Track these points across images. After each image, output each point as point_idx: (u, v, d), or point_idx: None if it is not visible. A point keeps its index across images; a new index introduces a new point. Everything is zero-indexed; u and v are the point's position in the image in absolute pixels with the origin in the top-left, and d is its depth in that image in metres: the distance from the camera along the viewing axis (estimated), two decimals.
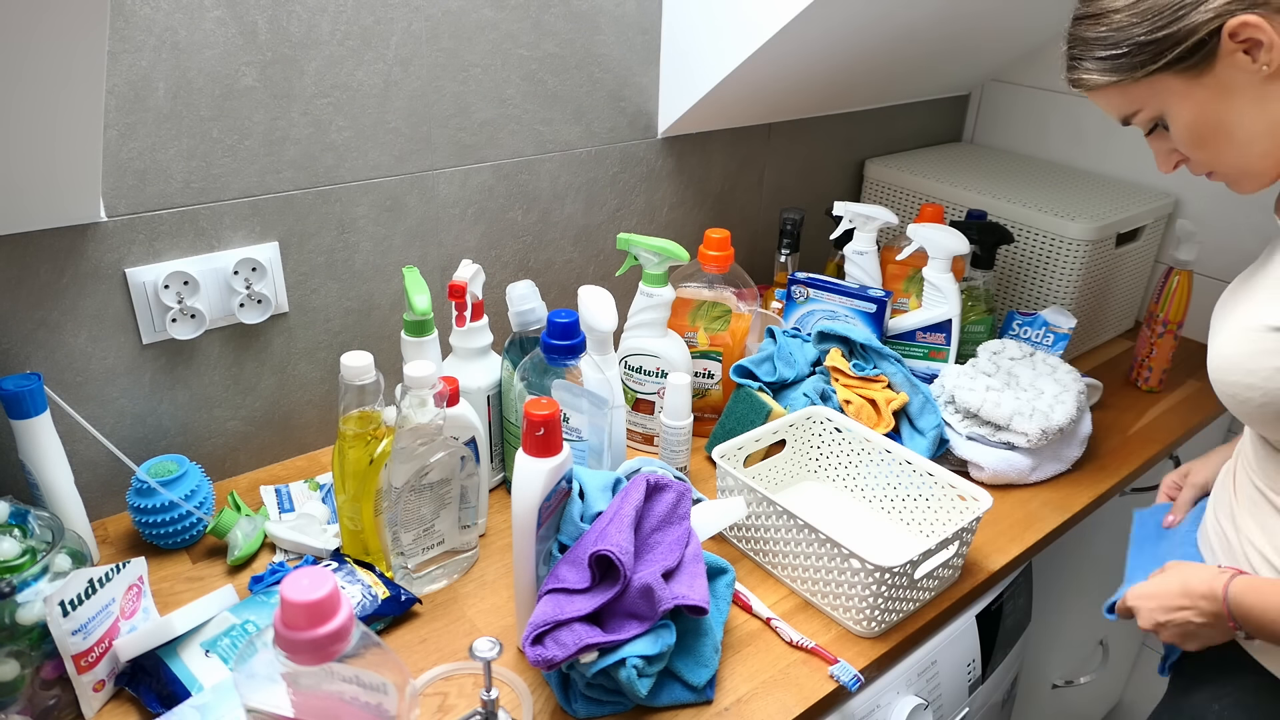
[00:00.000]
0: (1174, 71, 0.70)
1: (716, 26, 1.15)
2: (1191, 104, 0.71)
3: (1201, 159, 0.74)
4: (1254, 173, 0.74)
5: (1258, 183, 0.75)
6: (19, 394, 0.83)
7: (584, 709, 0.78)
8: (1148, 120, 0.74)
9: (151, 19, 0.86)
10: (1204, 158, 0.74)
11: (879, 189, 1.60)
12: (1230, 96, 0.69)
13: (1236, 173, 0.74)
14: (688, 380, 1.04)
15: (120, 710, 0.77)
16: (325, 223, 1.04)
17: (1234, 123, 0.70)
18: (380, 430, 0.87)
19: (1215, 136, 0.72)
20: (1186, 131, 0.73)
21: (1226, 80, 0.68)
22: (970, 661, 1.01)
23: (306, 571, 0.54)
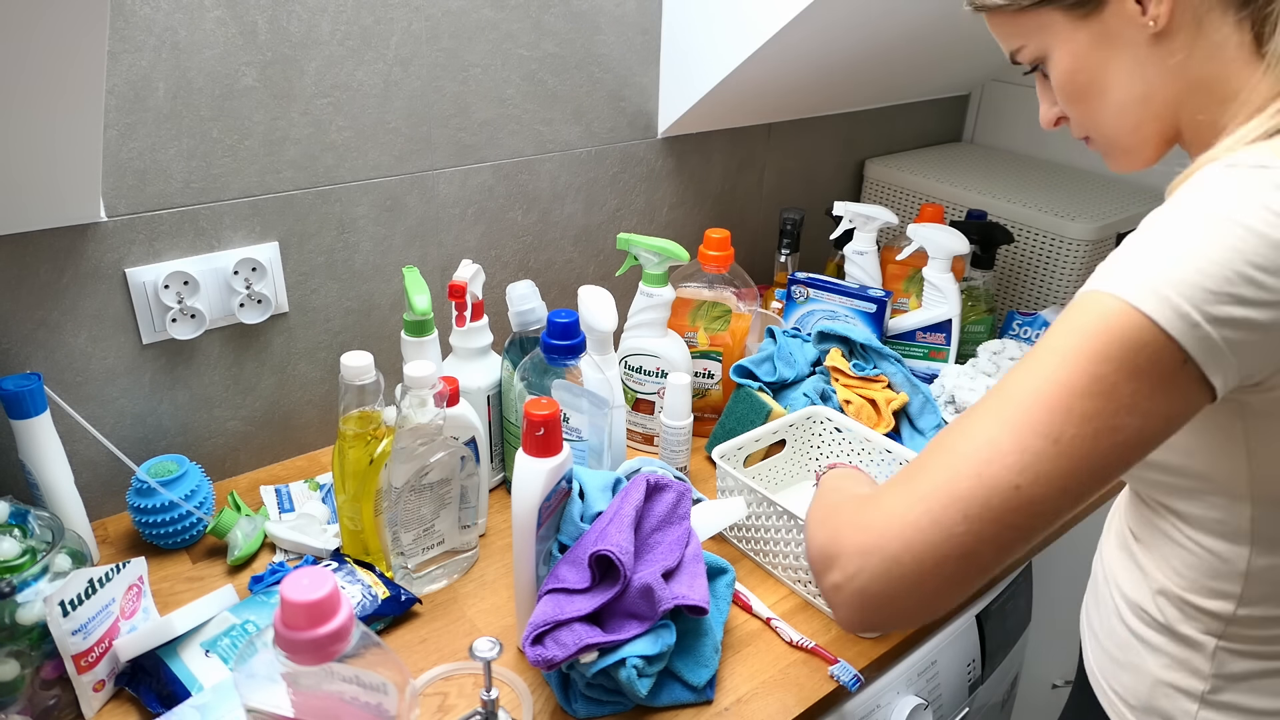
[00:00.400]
0: (1062, 7, 0.64)
1: (716, 26, 1.15)
2: (1071, 49, 0.64)
3: (1076, 117, 0.69)
4: (1124, 147, 0.67)
5: (1129, 160, 0.68)
6: (19, 394, 0.83)
7: (584, 709, 0.78)
8: (1030, 58, 0.68)
9: (151, 19, 0.86)
10: (1078, 115, 0.68)
11: (879, 189, 1.60)
12: (1111, 49, 0.62)
13: (1107, 142, 0.68)
14: (688, 380, 1.04)
15: (120, 710, 0.77)
16: (325, 223, 1.04)
17: (1109, 81, 0.64)
18: (380, 430, 0.87)
19: (1089, 92, 0.65)
20: (1062, 80, 0.67)
21: (1112, 29, 0.62)
22: (970, 661, 1.01)
23: (306, 571, 0.54)
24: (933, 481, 0.52)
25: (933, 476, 0.52)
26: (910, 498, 0.53)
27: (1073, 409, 0.51)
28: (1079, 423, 0.50)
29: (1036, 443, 0.51)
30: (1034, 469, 0.50)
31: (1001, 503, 0.51)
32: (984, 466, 0.51)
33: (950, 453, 0.53)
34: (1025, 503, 0.51)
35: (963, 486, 0.51)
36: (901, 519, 0.52)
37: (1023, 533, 0.52)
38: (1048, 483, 0.51)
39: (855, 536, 0.54)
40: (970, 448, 0.52)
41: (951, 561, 0.51)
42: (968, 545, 0.51)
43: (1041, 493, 0.51)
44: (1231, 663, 0.64)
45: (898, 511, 0.52)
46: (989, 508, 0.51)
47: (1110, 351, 0.50)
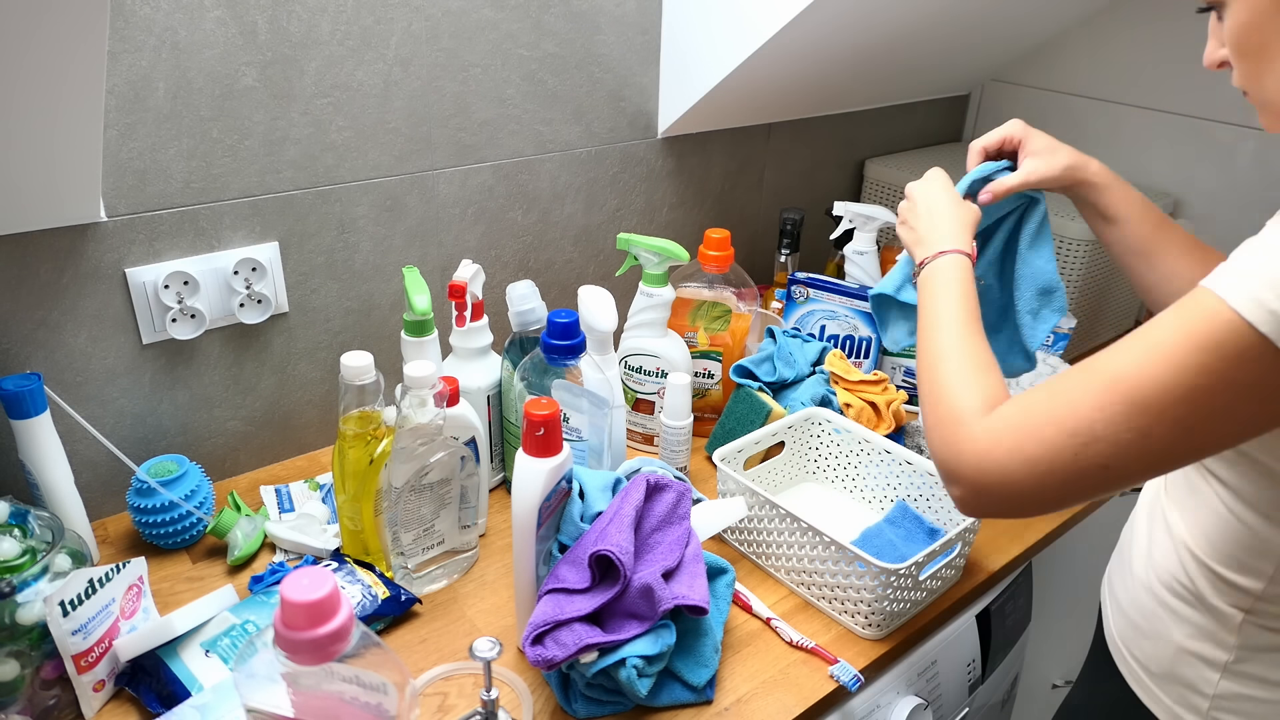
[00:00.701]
0: None
1: (716, 27, 1.15)
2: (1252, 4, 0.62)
3: (1241, 71, 0.67)
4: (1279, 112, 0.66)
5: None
6: (19, 394, 0.83)
7: (584, 709, 0.78)
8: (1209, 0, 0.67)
9: (151, 19, 0.86)
10: (1242, 70, 0.66)
11: (879, 189, 1.60)
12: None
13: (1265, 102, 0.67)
14: (688, 380, 1.04)
15: (120, 710, 0.77)
16: (325, 223, 1.04)
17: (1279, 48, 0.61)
18: (380, 430, 0.87)
19: (1259, 53, 0.63)
20: (1235, 33, 0.65)
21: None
22: (970, 661, 1.01)
23: (306, 571, 0.54)
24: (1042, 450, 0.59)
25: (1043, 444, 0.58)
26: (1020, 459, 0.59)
27: (1166, 412, 0.54)
28: (1170, 424, 0.54)
29: (1127, 435, 0.55)
30: (1123, 456, 0.56)
31: (1091, 477, 0.58)
32: (1081, 448, 0.57)
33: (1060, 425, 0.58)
34: (1117, 479, 0.58)
35: (1065, 460, 0.58)
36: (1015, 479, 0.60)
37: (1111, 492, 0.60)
38: (1138, 468, 0.57)
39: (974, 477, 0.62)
40: (1072, 424, 0.57)
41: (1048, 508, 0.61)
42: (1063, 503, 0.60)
43: (1132, 473, 0.57)
44: (1257, 635, 0.65)
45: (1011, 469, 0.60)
46: (1081, 480, 0.58)
47: (1218, 368, 0.52)
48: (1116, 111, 1.53)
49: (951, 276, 0.77)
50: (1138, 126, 1.51)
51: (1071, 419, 0.57)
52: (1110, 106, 1.54)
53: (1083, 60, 1.56)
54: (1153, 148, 1.50)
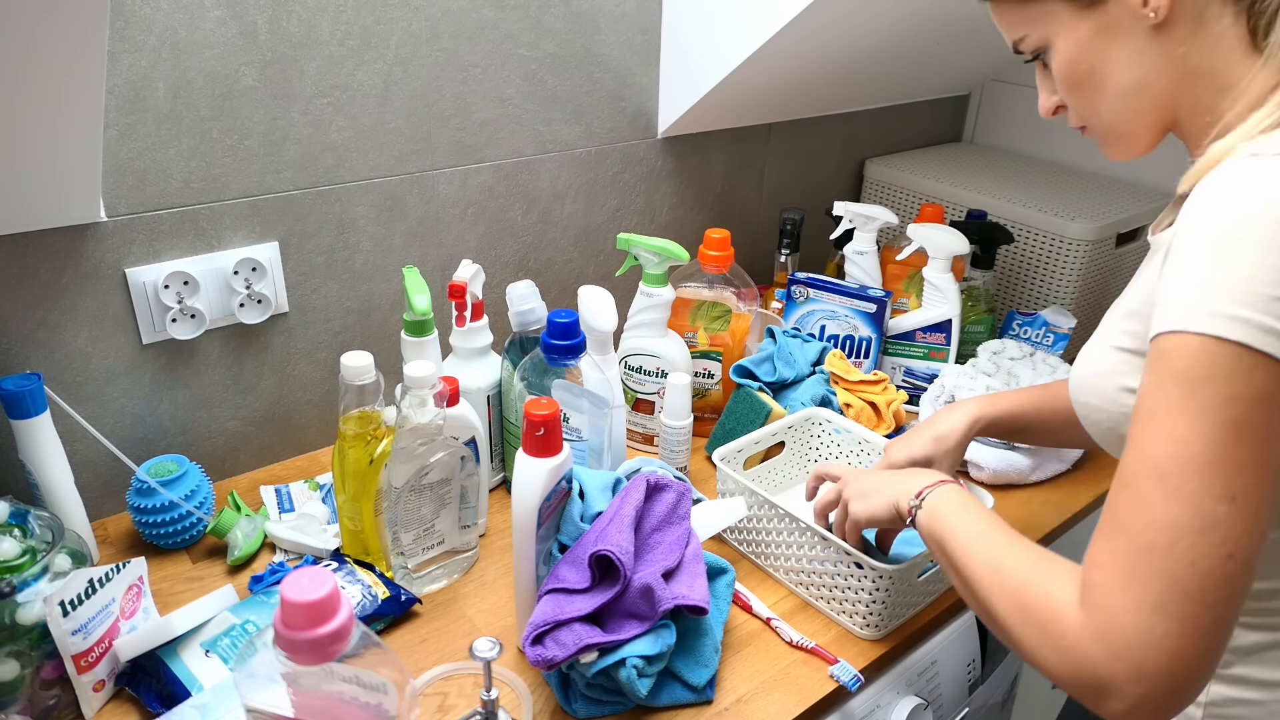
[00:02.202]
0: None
1: (716, 27, 1.15)
2: (1074, 38, 0.65)
3: (1075, 106, 0.69)
4: (1121, 135, 0.68)
5: (1125, 148, 0.69)
6: (19, 394, 0.83)
7: (584, 709, 0.78)
8: (1033, 47, 0.69)
9: (151, 19, 0.86)
10: (1077, 104, 0.69)
11: (879, 189, 1.60)
12: (1112, 40, 0.63)
13: (1104, 130, 0.69)
14: (688, 380, 1.04)
15: (120, 710, 0.77)
16: (325, 223, 1.04)
17: (1109, 71, 0.64)
18: (380, 430, 0.87)
19: (1089, 81, 0.66)
20: (1063, 69, 0.67)
21: (1114, 20, 0.63)
22: (970, 661, 1.01)
23: (306, 571, 0.54)
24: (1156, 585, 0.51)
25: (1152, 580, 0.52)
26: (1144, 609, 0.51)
27: (1230, 462, 0.51)
28: (1242, 472, 0.51)
29: (1219, 508, 0.51)
30: (1233, 534, 0.51)
31: (1226, 577, 0.51)
32: (1191, 553, 0.51)
33: (1152, 550, 0.52)
34: (1243, 565, 0.51)
35: (1186, 579, 0.51)
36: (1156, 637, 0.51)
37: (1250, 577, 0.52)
38: (1249, 535, 0.51)
39: (1118, 666, 0.52)
40: (1166, 538, 0.51)
41: (1217, 643, 0.52)
42: (1222, 629, 0.52)
43: (1250, 547, 0.51)
44: (1241, 636, 0.65)
45: (1141, 628, 0.51)
46: (1219, 587, 0.51)
47: (1230, 391, 0.51)
48: None
49: (959, 500, 0.72)
50: None
51: (1160, 534, 0.51)
52: None
53: None
54: None
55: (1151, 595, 0.51)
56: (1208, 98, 0.62)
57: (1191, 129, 0.65)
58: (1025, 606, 0.58)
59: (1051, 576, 0.58)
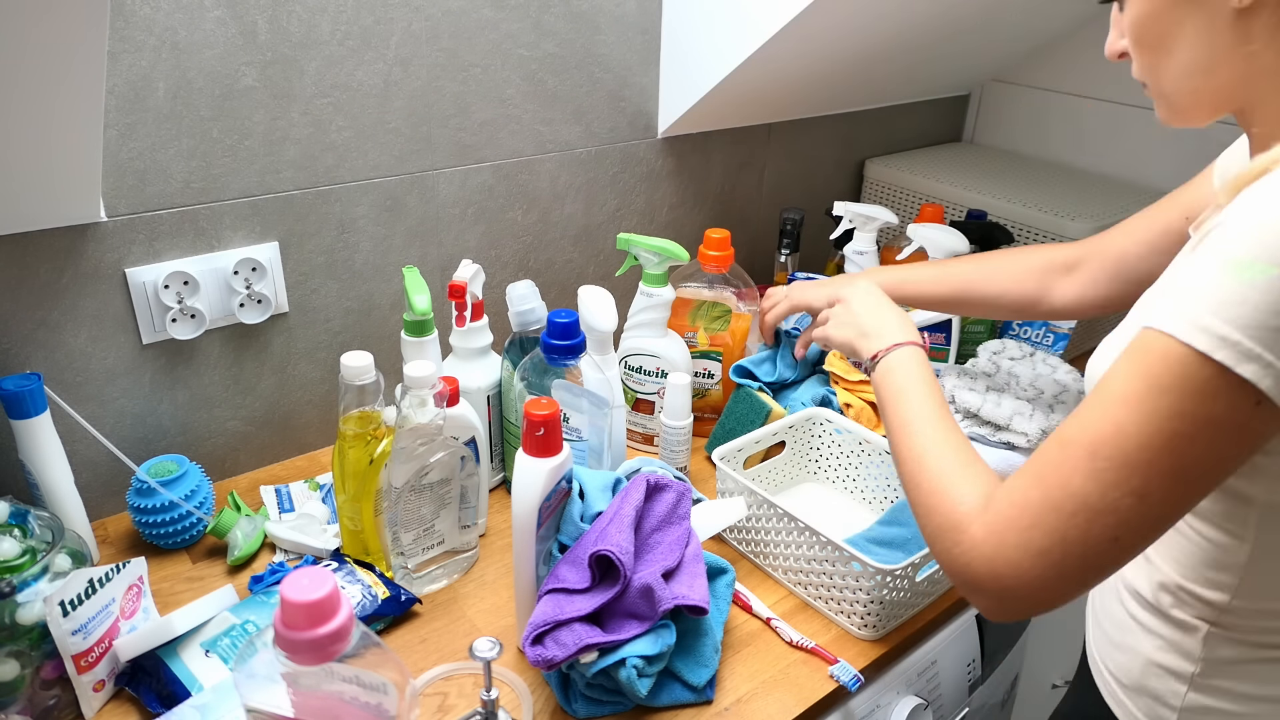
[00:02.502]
0: None
1: (716, 27, 1.15)
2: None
3: (1139, 62, 0.66)
4: (1177, 106, 0.65)
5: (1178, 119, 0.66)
6: (19, 394, 0.83)
7: (584, 709, 0.78)
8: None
9: (151, 19, 0.86)
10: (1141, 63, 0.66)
11: (879, 189, 1.60)
12: (1191, 11, 0.60)
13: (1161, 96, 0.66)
14: (688, 380, 1.04)
15: (120, 710, 0.77)
16: (325, 223, 1.04)
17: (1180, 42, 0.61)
18: (380, 430, 0.87)
19: (1157, 45, 0.63)
20: (1134, 25, 0.64)
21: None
22: (970, 661, 1.01)
23: (306, 571, 0.54)
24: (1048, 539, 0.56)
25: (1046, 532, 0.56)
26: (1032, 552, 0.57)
27: (1154, 465, 0.53)
28: (1162, 477, 0.53)
29: (1126, 501, 0.54)
30: (1127, 524, 0.54)
31: (1106, 552, 0.56)
32: (1086, 525, 0.55)
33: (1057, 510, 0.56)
34: (1126, 548, 0.56)
35: (1072, 543, 0.55)
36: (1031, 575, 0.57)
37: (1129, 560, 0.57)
38: (1142, 529, 0.55)
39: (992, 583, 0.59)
40: (1070, 506, 0.55)
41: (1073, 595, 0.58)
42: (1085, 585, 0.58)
43: (1139, 539, 0.56)
44: (1221, 648, 0.65)
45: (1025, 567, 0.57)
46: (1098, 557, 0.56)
47: (1187, 407, 0.51)
48: (1116, 111, 1.53)
49: (913, 370, 0.76)
50: (1138, 126, 1.51)
51: (1068, 499, 0.55)
52: (1110, 106, 1.54)
53: (1083, 60, 1.56)
54: (1152, 148, 1.50)
55: (1041, 543, 0.56)
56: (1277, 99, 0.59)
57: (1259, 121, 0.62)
58: (935, 502, 0.64)
59: (964, 481, 0.63)
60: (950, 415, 0.72)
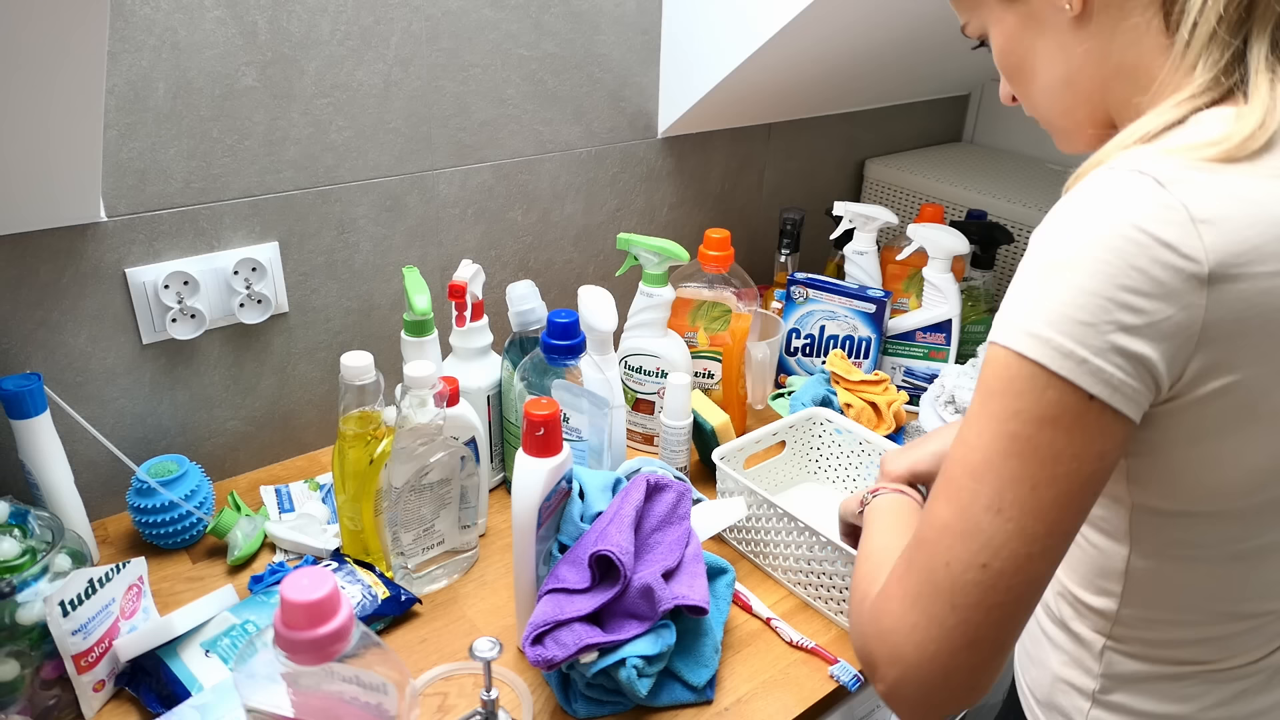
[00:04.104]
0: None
1: (716, 27, 1.15)
2: (1003, 29, 0.63)
3: (1018, 95, 0.68)
4: (1059, 128, 0.66)
5: (1067, 142, 0.67)
6: (19, 394, 0.83)
7: (584, 709, 0.78)
8: (975, 34, 0.67)
9: (151, 19, 0.86)
10: (1018, 94, 0.67)
11: (879, 189, 1.60)
12: (1037, 32, 0.61)
13: (1044, 122, 0.67)
14: (688, 380, 1.04)
15: (120, 710, 0.77)
16: (325, 223, 1.04)
17: (1037, 63, 0.63)
18: (380, 430, 0.87)
19: (1020, 73, 0.65)
20: (998, 59, 0.66)
21: (1036, 12, 0.61)
22: None
23: (306, 571, 0.54)
24: (917, 578, 0.53)
25: (916, 572, 0.53)
26: (906, 599, 0.53)
27: (1001, 474, 0.50)
28: (1013, 486, 0.50)
29: (984, 518, 0.51)
30: (991, 545, 0.50)
31: (977, 585, 0.51)
32: (948, 554, 0.51)
33: (923, 545, 0.53)
34: (997, 577, 0.51)
35: (940, 578, 0.52)
36: (907, 625, 0.53)
37: (1013, 604, 0.52)
38: (1011, 553, 0.50)
39: (880, 647, 0.55)
40: (934, 535, 0.53)
41: (962, 652, 0.52)
42: (968, 634, 0.52)
43: (1010, 564, 0.50)
44: (1119, 663, 0.64)
45: (900, 615, 0.54)
46: (968, 593, 0.51)
47: (1017, 406, 0.50)
48: None
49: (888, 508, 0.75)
50: None
51: (930, 529, 0.53)
52: None
53: None
54: None
55: (913, 588, 0.53)
56: (1135, 96, 0.59)
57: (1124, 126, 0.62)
58: (854, 586, 0.63)
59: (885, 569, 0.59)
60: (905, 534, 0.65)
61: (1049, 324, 0.49)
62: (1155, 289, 0.47)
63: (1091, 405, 0.49)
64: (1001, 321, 0.52)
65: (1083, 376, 0.48)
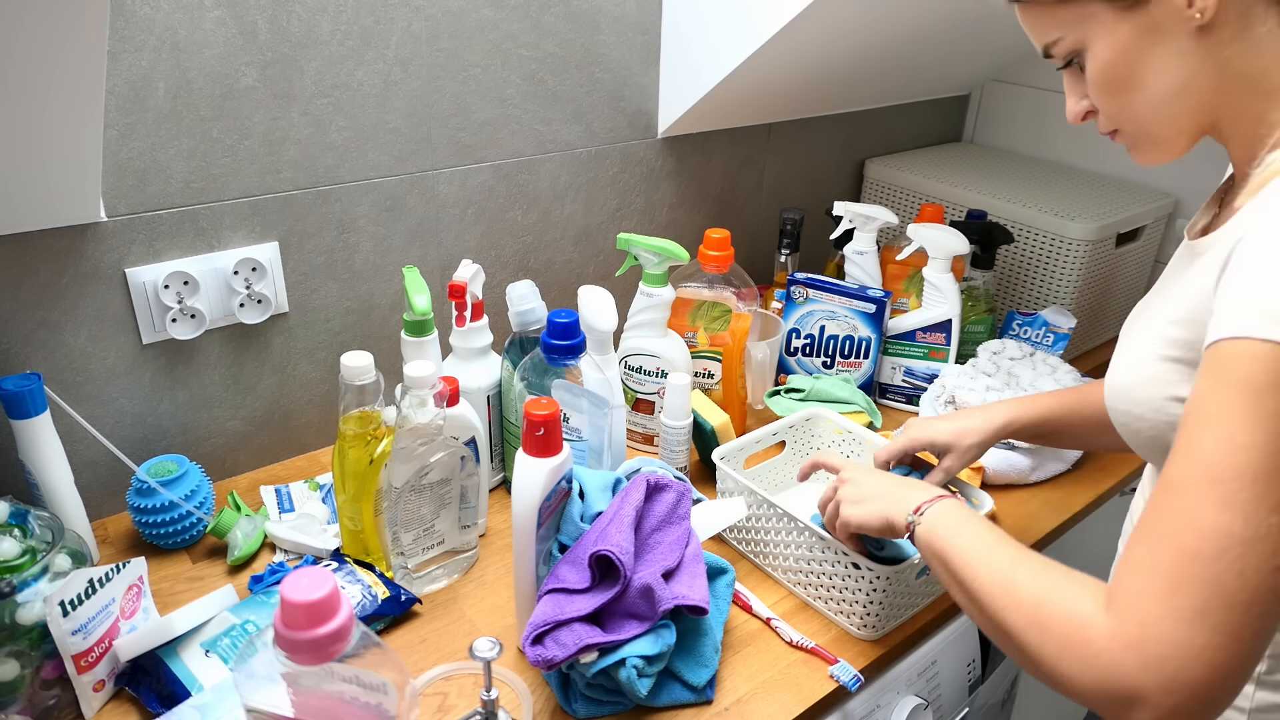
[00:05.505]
0: None
1: (716, 26, 1.15)
2: (1113, 41, 0.63)
3: (1109, 110, 0.67)
4: (1157, 139, 0.67)
5: (1159, 153, 0.68)
6: (19, 394, 0.83)
7: (584, 709, 0.78)
8: (1066, 52, 0.67)
9: (151, 19, 0.86)
10: (1112, 108, 0.67)
11: (879, 189, 1.60)
12: (1155, 41, 0.61)
13: (1140, 134, 0.67)
14: (688, 380, 1.04)
15: (120, 710, 0.77)
16: (325, 223, 1.04)
17: (1150, 73, 0.62)
18: (380, 430, 0.87)
19: (1128, 84, 0.64)
20: (1100, 72, 0.65)
21: (1157, 21, 0.61)
22: (970, 661, 1.01)
23: (306, 571, 0.54)
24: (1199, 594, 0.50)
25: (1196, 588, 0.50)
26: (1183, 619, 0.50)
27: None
28: None
29: (1274, 519, 0.49)
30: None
31: (1272, 587, 0.49)
32: (1240, 563, 0.49)
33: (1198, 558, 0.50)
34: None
35: (1231, 589, 0.49)
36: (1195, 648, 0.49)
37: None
38: None
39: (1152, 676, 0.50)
40: (1213, 546, 0.50)
41: (1255, 654, 0.51)
42: (1262, 635, 0.50)
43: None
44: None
45: (1181, 639, 0.50)
46: (1266, 600, 0.49)
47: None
48: None
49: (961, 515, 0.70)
50: None
51: (1208, 540, 0.49)
52: None
53: None
54: None
55: (1194, 603, 0.49)
56: (1255, 103, 0.60)
57: (1237, 134, 0.63)
58: (1043, 620, 0.56)
59: (1069, 588, 0.56)
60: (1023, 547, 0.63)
61: None
62: None
63: None
64: (1243, 315, 0.51)
65: None
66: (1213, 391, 0.52)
